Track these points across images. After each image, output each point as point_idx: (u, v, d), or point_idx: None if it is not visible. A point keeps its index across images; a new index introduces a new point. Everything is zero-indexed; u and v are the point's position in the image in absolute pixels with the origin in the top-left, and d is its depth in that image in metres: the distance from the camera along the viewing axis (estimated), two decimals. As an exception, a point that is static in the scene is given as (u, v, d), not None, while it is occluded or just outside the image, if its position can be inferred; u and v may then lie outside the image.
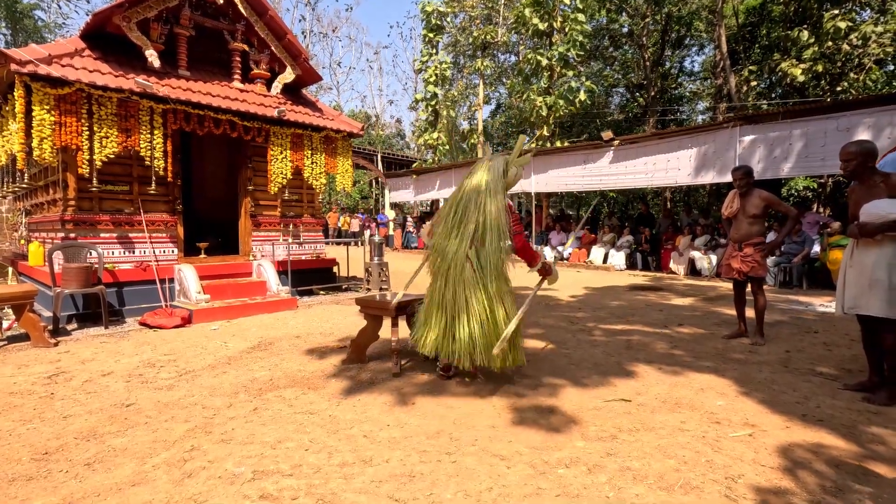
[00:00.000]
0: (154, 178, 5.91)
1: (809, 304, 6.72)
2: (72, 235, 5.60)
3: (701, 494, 2.00)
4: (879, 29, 12.20)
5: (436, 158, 20.84)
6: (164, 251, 6.33)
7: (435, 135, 20.29)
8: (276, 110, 6.75)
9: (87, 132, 5.37)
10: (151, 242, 6.18)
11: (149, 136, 5.75)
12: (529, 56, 15.79)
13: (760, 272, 4.45)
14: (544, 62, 15.36)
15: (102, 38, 5.96)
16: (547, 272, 3.52)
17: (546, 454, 2.37)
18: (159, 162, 5.85)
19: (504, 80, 25.19)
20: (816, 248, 8.45)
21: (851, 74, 13.43)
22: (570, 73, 15.67)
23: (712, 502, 1.95)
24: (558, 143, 15.93)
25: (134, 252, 6.07)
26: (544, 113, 15.41)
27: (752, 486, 2.07)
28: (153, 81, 5.76)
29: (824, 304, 6.60)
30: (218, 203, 8.47)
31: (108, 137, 5.46)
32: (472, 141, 21.92)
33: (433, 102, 20.07)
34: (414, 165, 22.07)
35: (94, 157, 5.39)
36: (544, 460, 2.31)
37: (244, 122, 6.61)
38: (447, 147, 21.07)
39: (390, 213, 20.83)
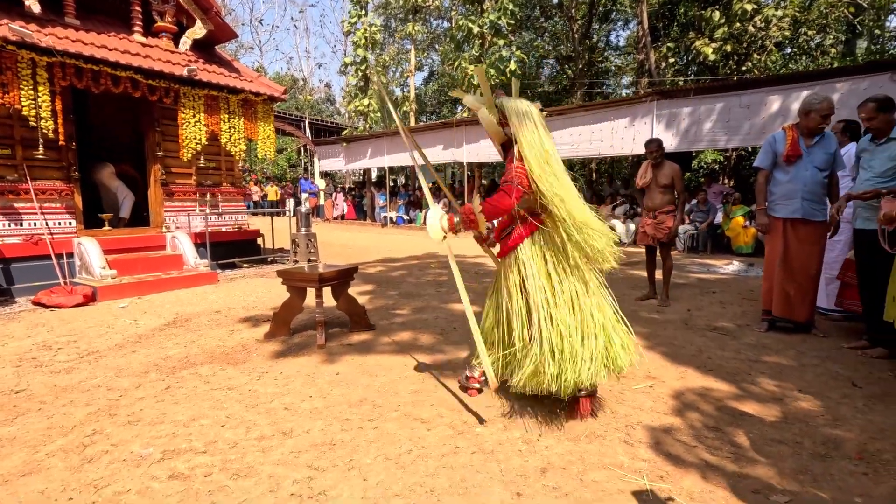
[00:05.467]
0: (42, 140, 5.27)
1: (713, 266, 7.38)
2: (-59, 206, 4.92)
3: (603, 442, 2.18)
4: (779, 13, 13.20)
5: (367, 126, 20.24)
6: (60, 223, 5.72)
7: (366, 101, 19.64)
8: (185, 69, 6.19)
9: (-48, 86, 4.66)
10: (43, 213, 5.55)
11: (31, 92, 5.07)
12: (461, 22, 15.56)
13: (670, 238, 4.79)
14: (475, 29, 15.21)
15: (-35, -25, 5.12)
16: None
17: (466, 415, 2.46)
18: (47, 123, 5.20)
19: (437, 46, 24.72)
20: (720, 217, 9.25)
21: (755, 55, 14.50)
22: (502, 42, 15.64)
23: (613, 447, 2.13)
24: (490, 113, 16.00)
25: (22, 224, 5.43)
26: (476, 82, 15.35)
27: (648, 430, 2.28)
28: (33, 29, 5.06)
29: (723, 266, 7.27)
30: (124, 171, 7.73)
31: (-21, 93, 4.77)
32: (405, 108, 21.47)
33: (363, 67, 19.31)
34: (344, 133, 21.30)
35: (-36, 115, 4.71)
36: (464, 421, 2.40)
37: (148, 80, 6.01)
38: (378, 114, 20.50)
39: (320, 183, 20.13)
